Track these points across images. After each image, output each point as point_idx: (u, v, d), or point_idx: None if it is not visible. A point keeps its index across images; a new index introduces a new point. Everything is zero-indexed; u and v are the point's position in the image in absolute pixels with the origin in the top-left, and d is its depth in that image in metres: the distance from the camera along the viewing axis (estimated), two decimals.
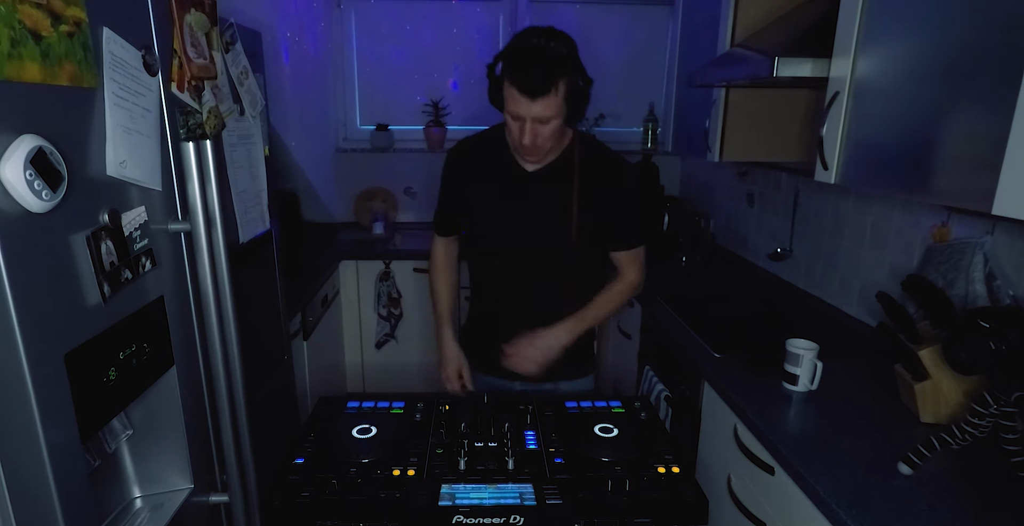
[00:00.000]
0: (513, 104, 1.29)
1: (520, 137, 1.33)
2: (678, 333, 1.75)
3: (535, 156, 1.41)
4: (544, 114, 1.28)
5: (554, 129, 1.33)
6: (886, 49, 1.20)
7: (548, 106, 1.27)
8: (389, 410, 1.35)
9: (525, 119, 1.29)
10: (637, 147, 3.26)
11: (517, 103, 1.28)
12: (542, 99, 1.25)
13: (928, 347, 1.18)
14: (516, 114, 1.30)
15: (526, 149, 1.36)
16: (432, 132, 3.14)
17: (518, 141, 1.35)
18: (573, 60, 1.29)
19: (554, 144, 1.40)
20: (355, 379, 2.98)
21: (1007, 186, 0.91)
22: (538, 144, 1.34)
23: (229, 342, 1.16)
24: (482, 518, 1.02)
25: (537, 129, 1.31)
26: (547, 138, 1.34)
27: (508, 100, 1.30)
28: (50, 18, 0.75)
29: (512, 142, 1.40)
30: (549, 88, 1.25)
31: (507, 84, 1.28)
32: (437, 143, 3.18)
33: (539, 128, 1.31)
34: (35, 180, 0.72)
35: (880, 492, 0.99)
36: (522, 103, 1.27)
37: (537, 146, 1.35)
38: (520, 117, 1.30)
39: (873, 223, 1.79)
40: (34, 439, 0.76)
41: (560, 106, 1.29)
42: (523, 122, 1.30)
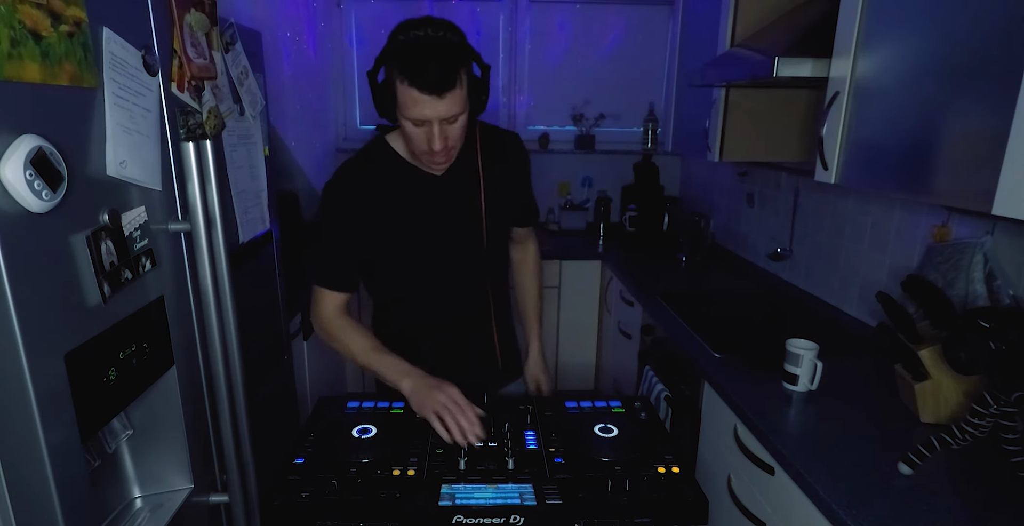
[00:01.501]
0: (415, 108, 1.12)
1: (429, 143, 1.18)
2: (678, 333, 1.75)
3: (446, 162, 1.26)
4: (452, 112, 1.14)
5: (462, 127, 1.20)
6: (886, 49, 1.20)
7: (455, 101, 1.13)
8: (389, 410, 1.35)
9: (431, 122, 1.14)
10: (637, 147, 3.26)
11: (420, 105, 1.12)
12: (449, 94, 1.11)
13: (928, 347, 1.18)
14: (420, 118, 1.14)
15: (436, 155, 1.21)
16: None
17: (426, 148, 1.19)
18: (468, 48, 1.16)
19: None
20: (355, 379, 2.98)
21: (1007, 186, 0.91)
22: (450, 146, 1.20)
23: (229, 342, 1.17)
24: (482, 518, 1.02)
25: (446, 130, 1.17)
26: (457, 138, 1.20)
27: (407, 105, 1.13)
28: (50, 18, 0.75)
29: (416, 151, 1.23)
30: (454, 80, 1.11)
31: (403, 86, 1.11)
32: None
33: (448, 129, 1.17)
34: (35, 180, 0.72)
35: (880, 492, 0.99)
36: (426, 104, 1.11)
37: (449, 149, 1.21)
38: (425, 121, 1.14)
39: (873, 223, 1.79)
40: (34, 439, 0.76)
41: (465, 99, 1.16)
42: (429, 126, 1.15)
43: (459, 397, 1.20)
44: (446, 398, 1.19)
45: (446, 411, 1.18)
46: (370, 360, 1.31)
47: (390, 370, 1.29)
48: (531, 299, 1.62)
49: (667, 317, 1.89)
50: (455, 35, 1.15)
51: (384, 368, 1.29)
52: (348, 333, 1.34)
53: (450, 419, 1.17)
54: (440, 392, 1.20)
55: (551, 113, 3.35)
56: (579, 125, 3.30)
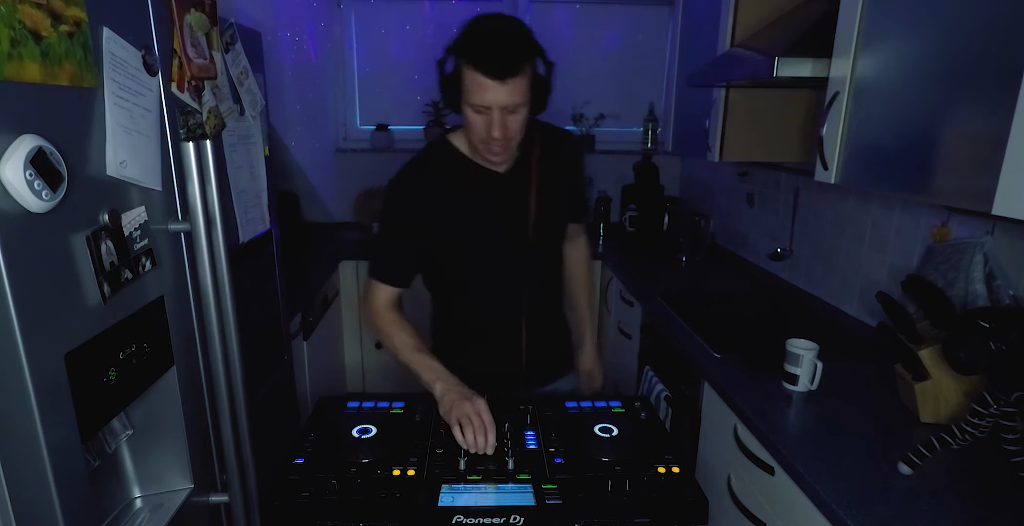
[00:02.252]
0: (478, 92, 1.16)
1: (488, 130, 1.20)
2: (678, 333, 1.75)
3: (505, 152, 1.28)
4: (513, 100, 1.17)
5: (523, 119, 1.23)
6: (886, 49, 1.20)
7: (517, 90, 1.17)
8: (389, 410, 1.35)
9: (492, 109, 1.18)
10: (637, 147, 3.26)
11: (483, 90, 1.16)
12: (512, 81, 1.15)
13: (928, 347, 1.18)
14: (482, 104, 1.17)
15: (495, 143, 1.23)
16: (432, 132, 3.14)
17: (485, 135, 1.22)
18: (535, 43, 1.22)
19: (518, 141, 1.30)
20: (355, 379, 2.98)
21: (1007, 186, 0.91)
22: (508, 136, 1.22)
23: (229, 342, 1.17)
24: (482, 518, 1.02)
25: (507, 120, 1.20)
26: (516, 130, 1.23)
27: (472, 90, 1.17)
28: (50, 18, 0.75)
29: (477, 140, 1.26)
30: (518, 68, 1.15)
31: (469, 71, 1.15)
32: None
33: (508, 118, 1.20)
34: (35, 180, 0.72)
35: (880, 492, 0.99)
36: (490, 89, 1.15)
37: (508, 139, 1.23)
38: (487, 107, 1.18)
39: (873, 223, 1.79)
40: (34, 439, 0.76)
41: (527, 91, 1.19)
42: (490, 114, 1.19)
43: (485, 413, 1.21)
44: (472, 411, 1.21)
45: (468, 423, 1.19)
46: (411, 358, 1.35)
47: (428, 372, 1.32)
48: (584, 295, 1.65)
49: (667, 317, 1.89)
50: (524, 29, 1.21)
51: (423, 369, 1.33)
52: (394, 329, 1.38)
53: (470, 433, 1.18)
54: (469, 403, 1.22)
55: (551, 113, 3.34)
56: (579, 125, 3.30)
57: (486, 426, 1.19)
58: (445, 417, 1.24)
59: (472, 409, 1.21)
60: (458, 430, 1.19)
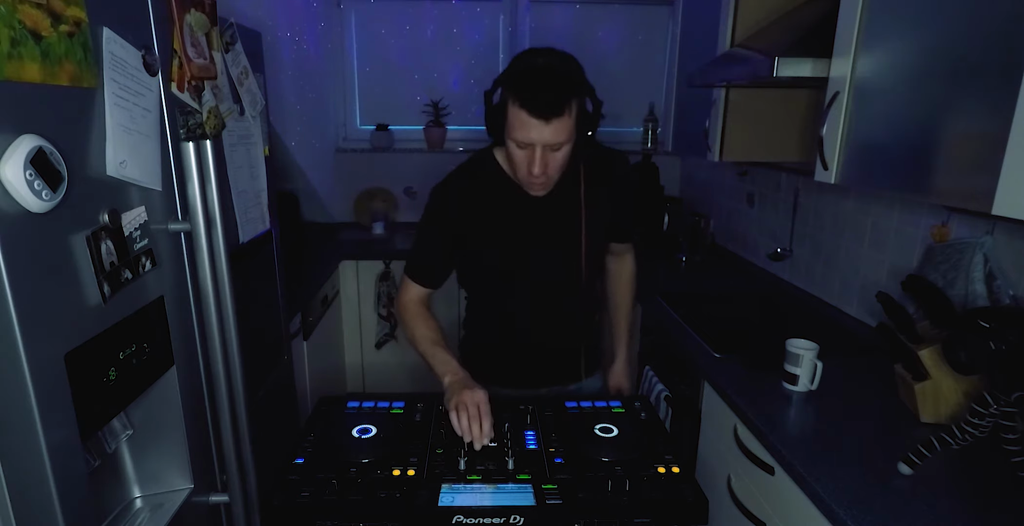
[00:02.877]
0: (522, 130, 1.16)
1: (529, 167, 1.20)
2: (678, 333, 1.75)
3: (543, 188, 1.29)
4: (557, 139, 1.17)
5: (565, 156, 1.22)
6: (886, 49, 1.20)
7: (561, 129, 1.16)
8: (389, 410, 1.35)
9: (535, 146, 1.18)
10: (637, 147, 3.26)
11: (527, 128, 1.15)
12: (556, 121, 1.14)
13: (928, 347, 1.18)
14: (526, 141, 1.17)
15: (535, 178, 1.23)
16: (432, 132, 3.14)
17: (526, 171, 1.22)
18: (583, 81, 1.21)
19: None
20: (355, 379, 2.98)
21: (1007, 186, 0.91)
22: (549, 174, 1.22)
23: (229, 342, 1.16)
24: (482, 518, 1.02)
25: (548, 157, 1.20)
26: (558, 167, 1.23)
27: (515, 127, 1.17)
28: (50, 18, 0.75)
29: (518, 173, 1.26)
30: (563, 108, 1.14)
31: (514, 108, 1.15)
32: (437, 143, 3.18)
33: (550, 156, 1.20)
34: (35, 180, 0.72)
35: (880, 492, 0.99)
36: (533, 127, 1.15)
37: (548, 175, 1.23)
38: (529, 144, 1.18)
39: (873, 223, 1.79)
40: (34, 439, 0.76)
41: (572, 129, 1.18)
42: (532, 150, 1.18)
43: (484, 405, 1.23)
44: (471, 402, 1.22)
45: (465, 412, 1.21)
46: (427, 350, 1.38)
47: (440, 364, 1.35)
48: (624, 310, 1.64)
49: (667, 317, 1.89)
50: (573, 66, 1.21)
51: (436, 361, 1.36)
52: (417, 322, 1.42)
53: (466, 421, 1.20)
54: (470, 394, 1.23)
55: None
56: None
57: (481, 415, 1.20)
58: (447, 405, 1.26)
59: (471, 399, 1.22)
60: (454, 415, 1.21)
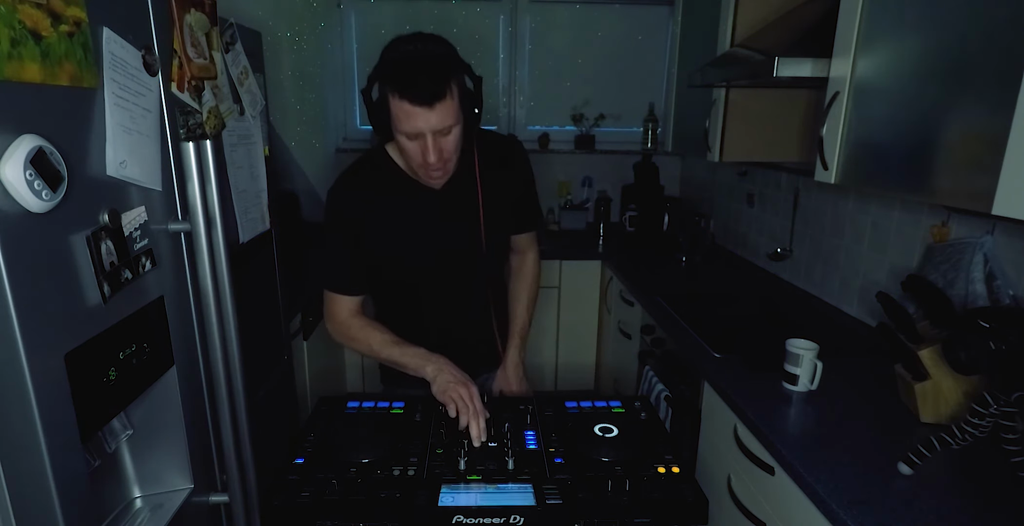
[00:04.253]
0: (408, 121, 1.14)
1: (424, 156, 1.18)
2: (678, 333, 1.75)
3: (443, 174, 1.25)
4: (444, 123, 1.15)
5: (457, 138, 1.20)
6: (886, 49, 1.20)
7: (447, 112, 1.14)
8: (389, 410, 1.35)
9: (425, 134, 1.15)
10: (637, 147, 3.26)
11: (413, 118, 1.13)
12: (440, 105, 1.12)
13: (928, 347, 1.18)
14: (414, 131, 1.15)
15: (432, 168, 1.21)
16: None
17: (421, 161, 1.20)
18: (458, 60, 1.19)
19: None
20: (355, 379, 2.98)
21: (1007, 186, 0.91)
22: (445, 158, 1.20)
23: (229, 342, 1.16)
24: (482, 518, 1.02)
25: (441, 142, 1.18)
26: (452, 150, 1.20)
27: (400, 119, 1.15)
28: (50, 18, 0.75)
29: (413, 164, 1.24)
30: (444, 91, 1.12)
31: (395, 100, 1.13)
32: None
33: (442, 141, 1.18)
34: (35, 180, 0.72)
35: (880, 492, 0.99)
36: (419, 116, 1.13)
37: (445, 160, 1.21)
38: (419, 134, 1.15)
39: (873, 223, 1.79)
40: (34, 439, 0.76)
41: (458, 110, 1.17)
42: (423, 139, 1.16)
43: (477, 400, 1.25)
44: (466, 396, 1.25)
45: (465, 408, 1.24)
46: (392, 353, 1.36)
47: (413, 359, 1.34)
48: (519, 310, 1.56)
49: (667, 317, 1.89)
50: (443, 47, 1.18)
51: (407, 358, 1.34)
52: (367, 331, 1.39)
53: (463, 417, 1.23)
54: (462, 388, 1.26)
55: (551, 113, 3.35)
56: (579, 125, 3.30)
57: (478, 413, 1.23)
58: (439, 397, 1.28)
59: (466, 396, 1.25)
60: (453, 408, 1.25)
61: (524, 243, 1.55)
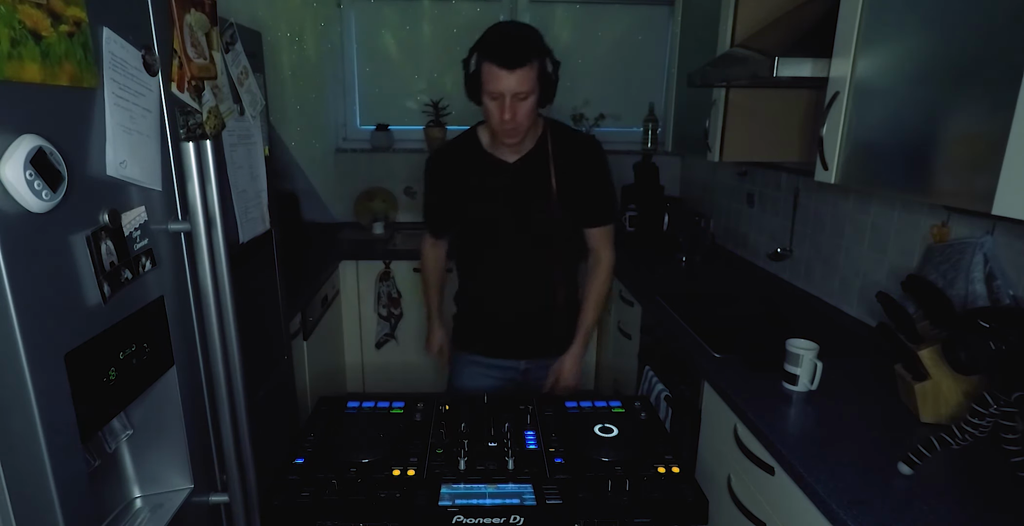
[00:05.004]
0: (492, 81, 1.36)
1: (500, 114, 1.39)
2: (678, 333, 1.75)
3: (516, 136, 1.46)
4: (521, 87, 1.36)
5: (531, 106, 1.41)
6: (886, 49, 1.20)
7: (524, 79, 1.35)
8: (389, 410, 1.35)
9: (504, 95, 1.37)
10: (637, 147, 3.26)
11: (496, 79, 1.35)
12: (520, 71, 1.34)
13: (928, 347, 1.18)
14: (495, 91, 1.37)
15: (507, 125, 1.41)
16: (432, 132, 3.14)
17: (498, 119, 1.40)
18: (542, 43, 1.42)
19: (530, 128, 1.48)
20: (355, 379, 2.98)
21: (1007, 186, 0.91)
22: (518, 120, 1.40)
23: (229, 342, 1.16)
24: (482, 518, 1.02)
25: (516, 105, 1.38)
26: (525, 115, 1.41)
27: (486, 79, 1.37)
28: (50, 18, 0.75)
29: (492, 124, 1.45)
30: (525, 60, 1.34)
31: (485, 64, 1.36)
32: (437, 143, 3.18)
33: (517, 105, 1.39)
34: (35, 180, 0.72)
35: (880, 492, 0.99)
36: (501, 77, 1.34)
37: (517, 122, 1.41)
38: (499, 94, 1.37)
39: (873, 223, 1.79)
40: (34, 439, 0.76)
41: (535, 82, 1.38)
42: (502, 100, 1.38)
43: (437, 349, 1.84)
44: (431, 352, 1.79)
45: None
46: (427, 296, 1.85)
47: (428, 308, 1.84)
48: (586, 307, 1.70)
49: (667, 317, 1.89)
50: (534, 32, 1.43)
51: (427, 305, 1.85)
52: (427, 268, 1.82)
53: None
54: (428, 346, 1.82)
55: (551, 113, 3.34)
56: (579, 125, 3.30)
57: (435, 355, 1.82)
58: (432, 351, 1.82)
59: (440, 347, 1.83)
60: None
61: (598, 240, 1.68)
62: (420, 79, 3.23)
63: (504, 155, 1.55)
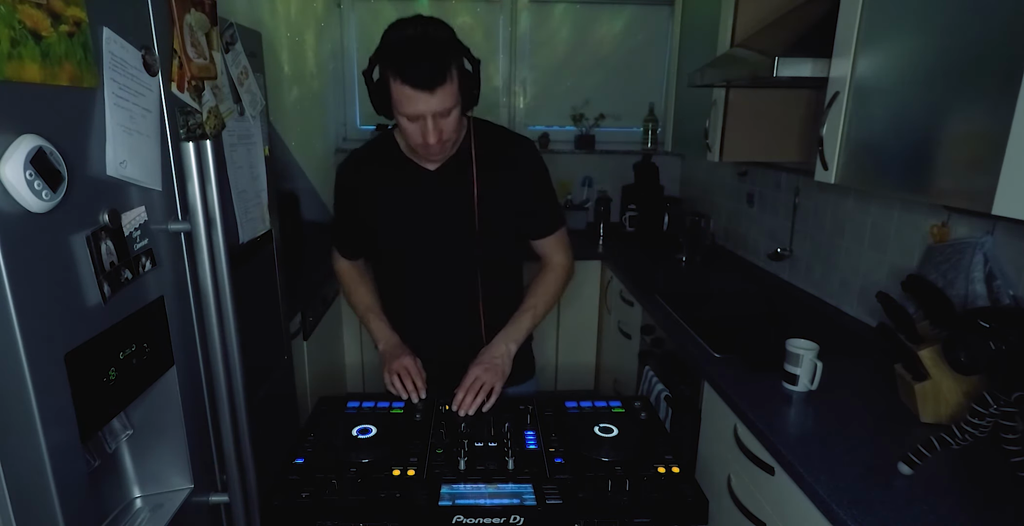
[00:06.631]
0: (408, 104, 1.18)
1: (424, 138, 1.22)
2: (678, 333, 1.75)
3: (441, 154, 1.32)
4: (444, 106, 1.19)
5: (456, 120, 1.24)
6: (886, 49, 1.20)
7: (446, 96, 1.18)
8: (389, 410, 1.35)
9: (425, 117, 1.20)
10: (637, 147, 3.27)
11: (413, 101, 1.17)
12: (440, 89, 1.16)
13: (928, 347, 1.18)
14: (414, 113, 1.19)
15: (431, 149, 1.26)
16: None
17: (421, 143, 1.24)
18: (457, 44, 1.22)
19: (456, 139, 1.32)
20: (355, 379, 2.98)
21: (1007, 186, 0.91)
22: (444, 139, 1.24)
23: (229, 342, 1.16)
24: (482, 518, 1.02)
25: (440, 124, 1.22)
26: (451, 131, 1.25)
27: (400, 101, 1.19)
28: (50, 18, 0.75)
29: (412, 145, 1.29)
30: (445, 76, 1.16)
31: (396, 84, 1.17)
32: None
33: (442, 123, 1.22)
34: (35, 180, 0.72)
35: (880, 492, 0.99)
36: (419, 100, 1.17)
37: (443, 142, 1.25)
38: (419, 116, 1.20)
39: (873, 223, 1.79)
40: (34, 439, 0.76)
41: (457, 94, 1.21)
42: (423, 121, 1.21)
43: (412, 368, 1.41)
44: (400, 368, 1.40)
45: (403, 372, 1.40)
46: (363, 316, 1.54)
47: (375, 331, 1.51)
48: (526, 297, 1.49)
49: (667, 317, 1.89)
50: (444, 31, 1.21)
51: (371, 328, 1.52)
52: (353, 287, 1.57)
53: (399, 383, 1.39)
54: (399, 361, 1.41)
55: (551, 113, 3.35)
56: (579, 125, 3.30)
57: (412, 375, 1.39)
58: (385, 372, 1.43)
59: (399, 365, 1.40)
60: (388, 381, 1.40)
61: (548, 248, 1.50)
62: None
63: (424, 162, 1.37)
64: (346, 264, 1.57)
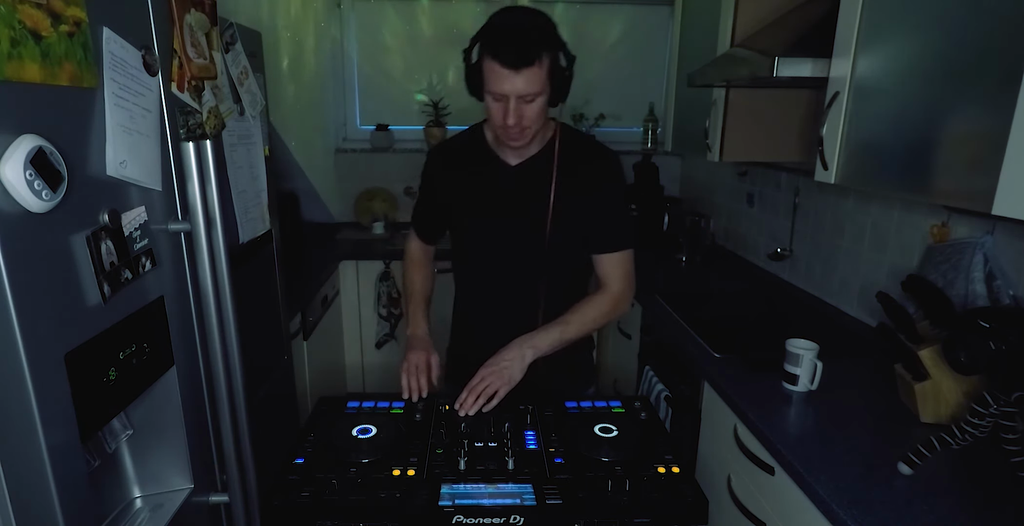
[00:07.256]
0: (495, 81, 1.20)
1: (504, 118, 1.23)
2: (678, 333, 1.75)
3: (520, 140, 1.29)
4: (529, 89, 1.19)
5: (539, 108, 1.24)
6: (886, 49, 1.20)
7: (532, 80, 1.19)
8: (389, 410, 1.35)
9: (508, 97, 1.21)
10: (637, 147, 3.26)
11: (500, 79, 1.19)
12: (526, 71, 1.17)
13: (928, 347, 1.18)
14: (499, 92, 1.21)
15: (510, 131, 1.25)
16: (432, 132, 3.14)
17: (501, 122, 1.24)
18: (555, 35, 1.24)
19: (538, 131, 1.31)
20: (355, 379, 2.98)
21: (1007, 186, 0.91)
22: (524, 124, 1.24)
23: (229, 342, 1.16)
24: (482, 518, 1.02)
25: (522, 108, 1.22)
26: (532, 118, 1.24)
27: (489, 79, 1.21)
28: (50, 18, 0.75)
29: (494, 127, 1.30)
30: (533, 59, 1.17)
31: (487, 61, 1.19)
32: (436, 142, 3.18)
33: (524, 107, 1.22)
34: (35, 180, 0.72)
35: (880, 492, 0.99)
36: (505, 78, 1.18)
37: (523, 127, 1.25)
38: (503, 95, 1.21)
39: (873, 223, 1.79)
40: (34, 439, 0.76)
41: (544, 81, 1.21)
42: (506, 102, 1.22)
43: (422, 363, 1.42)
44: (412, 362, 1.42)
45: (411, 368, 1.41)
46: (408, 302, 1.59)
47: (410, 315, 1.56)
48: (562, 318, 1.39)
49: (667, 317, 1.89)
50: (543, 20, 1.25)
51: (408, 311, 1.57)
52: (411, 272, 1.61)
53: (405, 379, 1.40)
54: (414, 355, 1.43)
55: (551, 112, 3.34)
56: (579, 125, 3.30)
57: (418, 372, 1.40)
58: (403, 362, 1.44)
59: (413, 359, 1.42)
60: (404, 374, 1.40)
61: (606, 268, 1.41)
62: (420, 79, 3.23)
63: (506, 156, 1.38)
64: (417, 245, 1.62)
